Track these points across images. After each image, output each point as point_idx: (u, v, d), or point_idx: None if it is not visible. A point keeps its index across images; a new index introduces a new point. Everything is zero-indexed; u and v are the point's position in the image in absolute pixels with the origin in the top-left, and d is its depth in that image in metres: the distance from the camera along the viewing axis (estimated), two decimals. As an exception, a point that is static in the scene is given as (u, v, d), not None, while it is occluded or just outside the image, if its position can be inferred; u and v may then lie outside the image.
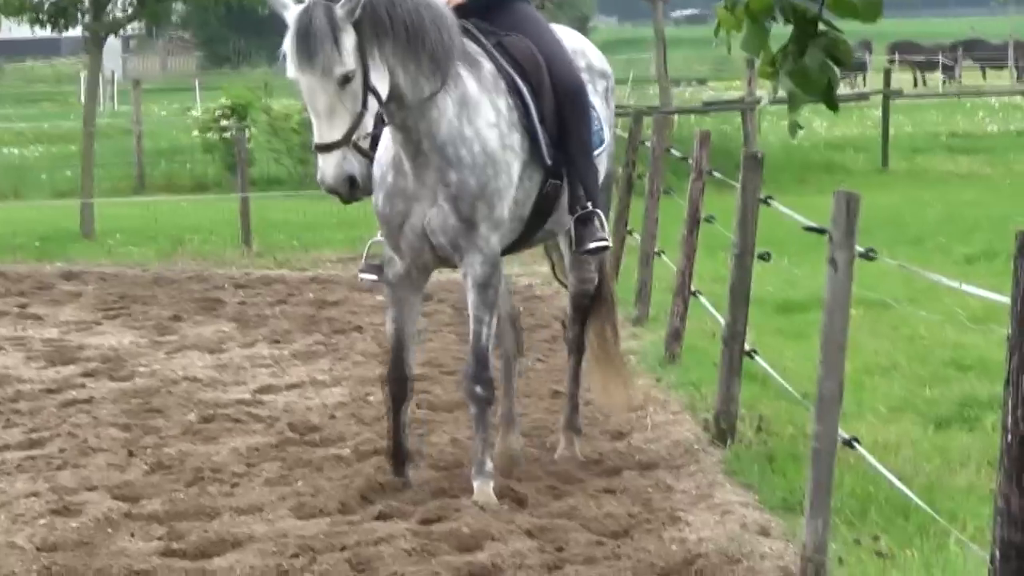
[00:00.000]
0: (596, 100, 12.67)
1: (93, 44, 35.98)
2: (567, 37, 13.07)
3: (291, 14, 10.70)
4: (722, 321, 14.78)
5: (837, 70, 5.38)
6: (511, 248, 12.30)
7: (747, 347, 14.70)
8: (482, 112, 11.34)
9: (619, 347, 14.09)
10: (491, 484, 11.59)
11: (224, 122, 36.41)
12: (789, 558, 10.89)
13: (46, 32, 39.70)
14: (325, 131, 10.70)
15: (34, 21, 35.37)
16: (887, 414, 14.90)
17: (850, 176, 37.74)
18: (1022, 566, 7.12)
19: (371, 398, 16.26)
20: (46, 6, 34.36)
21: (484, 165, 11.23)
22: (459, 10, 11.94)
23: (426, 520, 11.51)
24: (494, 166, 11.30)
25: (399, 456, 12.12)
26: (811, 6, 5.27)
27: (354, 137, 10.70)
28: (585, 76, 12.61)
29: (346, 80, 10.66)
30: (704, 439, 14.19)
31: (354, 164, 10.66)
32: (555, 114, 11.84)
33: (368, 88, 10.74)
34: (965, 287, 10.00)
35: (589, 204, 11.93)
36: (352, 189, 10.75)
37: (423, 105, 11.15)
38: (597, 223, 11.98)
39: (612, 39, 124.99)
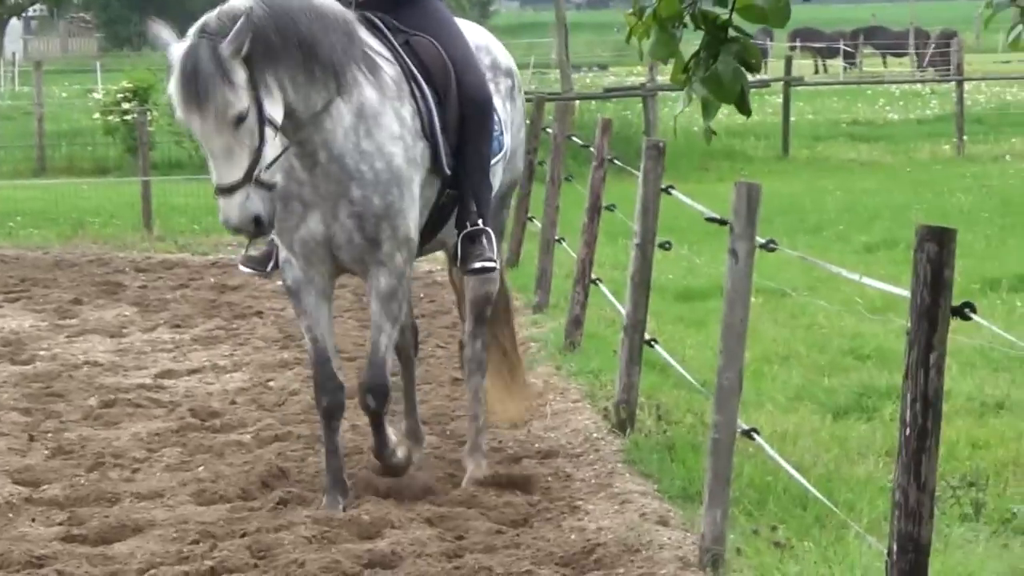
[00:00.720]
0: (498, 101, 12.31)
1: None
2: (471, 33, 12.66)
3: (174, 53, 10.22)
4: (622, 310, 14.85)
5: (747, 75, 5.44)
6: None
7: (647, 336, 14.78)
8: (384, 124, 10.96)
9: (520, 357, 13.88)
10: (397, 454, 11.61)
11: (125, 105, 36.48)
12: (688, 548, 10.96)
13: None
14: (224, 173, 10.24)
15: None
16: (786, 403, 14.97)
17: (751, 164, 37.92)
18: (919, 559, 7.21)
19: (272, 384, 16.32)
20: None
21: (388, 183, 10.86)
22: (366, 2, 11.62)
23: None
24: (399, 184, 10.95)
25: (337, 485, 11.58)
26: (721, 12, 5.31)
27: (255, 174, 10.23)
28: (489, 75, 12.28)
29: (240, 119, 10.17)
30: (604, 428, 14.24)
31: (257, 203, 10.19)
32: (458, 124, 11.50)
33: (263, 120, 10.28)
34: (864, 280, 10.10)
35: (480, 221, 11.60)
36: (258, 227, 10.32)
37: (316, 119, 10.80)
38: (485, 242, 11.61)
39: (513, 23, 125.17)
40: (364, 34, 11.06)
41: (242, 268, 12.22)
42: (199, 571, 10.65)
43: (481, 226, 11.49)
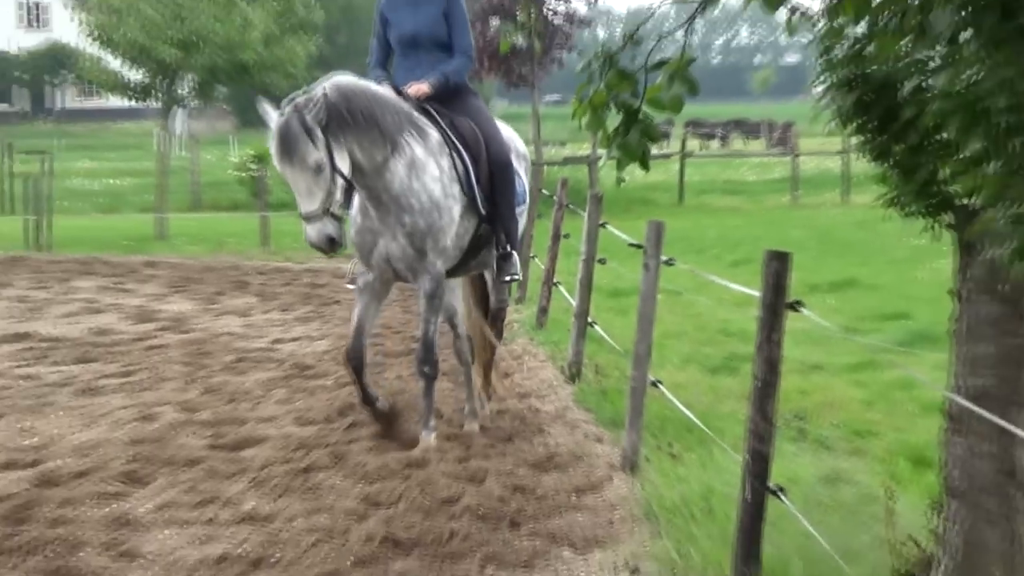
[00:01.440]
0: (521, 171, 12.02)
1: (166, 111, 35.84)
2: (506, 131, 12.26)
3: (273, 121, 10.09)
4: (574, 303, 14.95)
5: (650, 144, 5.48)
6: (453, 272, 11.57)
7: (589, 319, 14.87)
8: (428, 170, 10.72)
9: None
10: (432, 435, 11.12)
11: (251, 165, 36.31)
12: (614, 457, 11.05)
13: (134, 103, 39.65)
14: (306, 205, 10.13)
15: (127, 96, 35.22)
16: (679, 364, 15.04)
17: (658, 208, 37.94)
18: (763, 466, 7.29)
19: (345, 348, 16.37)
20: (136, 86, 34.25)
21: (430, 210, 10.67)
22: (427, 97, 11.30)
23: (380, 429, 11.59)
24: (438, 210, 10.71)
25: (368, 399, 11.35)
26: (633, 102, 5.37)
27: (329, 208, 10.14)
28: (513, 158, 11.84)
29: (318, 168, 10.03)
30: (560, 379, 14.35)
31: (331, 227, 10.11)
32: (489, 178, 11.22)
33: (335, 171, 10.11)
34: (731, 284, 10.20)
35: (509, 246, 11.37)
36: (332, 245, 10.19)
37: (378, 170, 10.54)
38: (514, 260, 11.41)
39: (505, 114, 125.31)
40: (417, 114, 10.92)
41: (347, 286, 11.84)
42: (297, 469, 10.69)
43: (510, 250, 11.37)
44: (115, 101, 53.91)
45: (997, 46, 4.52)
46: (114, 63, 34.96)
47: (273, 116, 10.08)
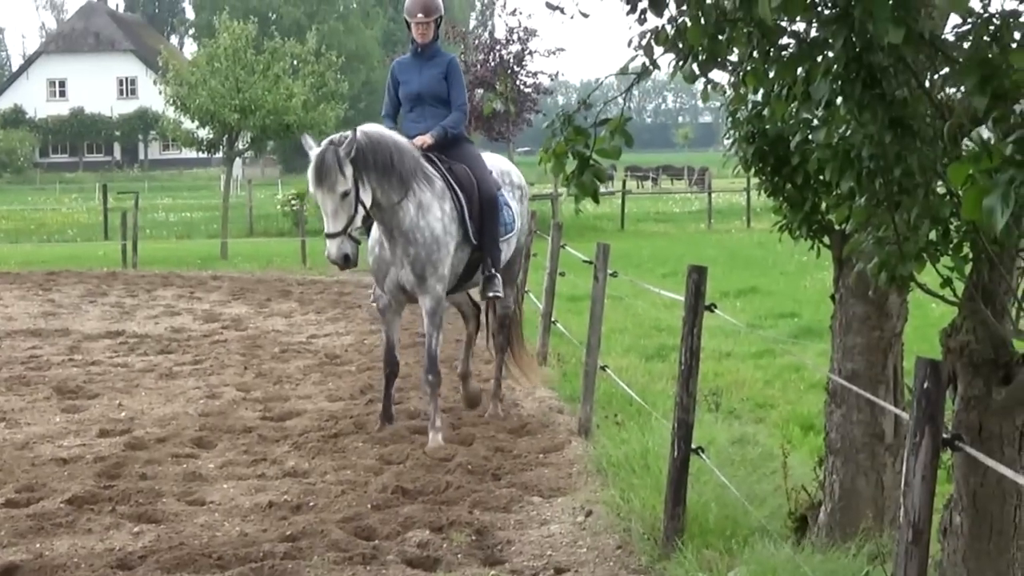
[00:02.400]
0: (513, 203, 11.56)
1: (227, 161, 35.72)
2: (499, 162, 12.07)
3: (313, 152, 9.75)
4: (540, 306, 14.89)
5: (599, 184, 5.44)
6: (454, 289, 11.08)
7: (553, 319, 14.82)
8: (432, 211, 10.35)
9: (524, 346, 12.79)
10: (440, 435, 10.31)
11: (293, 201, 36.16)
12: (573, 425, 10.97)
13: (203, 155, 39.68)
14: (331, 225, 9.74)
15: (198, 149, 35.16)
16: (622, 353, 14.97)
17: (605, 233, 37.75)
18: (687, 431, 7.25)
19: (366, 342, 16.24)
20: (204, 142, 34.18)
21: (431, 243, 10.28)
22: (429, 147, 10.88)
23: (395, 403, 11.49)
24: (438, 244, 10.32)
25: (387, 415, 10.79)
26: (586, 151, 5.34)
27: (349, 230, 9.76)
28: (508, 188, 11.54)
29: (345, 195, 9.69)
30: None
31: (348, 247, 9.73)
32: (479, 214, 10.77)
33: (358, 200, 9.78)
34: (661, 291, 10.15)
35: (493, 269, 10.87)
36: (347, 262, 9.76)
37: (393, 208, 10.16)
38: (496, 282, 10.91)
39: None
40: (424, 162, 10.55)
41: (372, 304, 11.53)
42: (328, 435, 10.61)
43: (494, 272, 10.89)
44: (189, 153, 53.57)
45: (862, 109, 4.50)
46: (188, 124, 34.87)
47: (314, 149, 9.82)
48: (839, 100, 4.66)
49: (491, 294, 11.01)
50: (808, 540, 6.92)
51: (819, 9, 4.60)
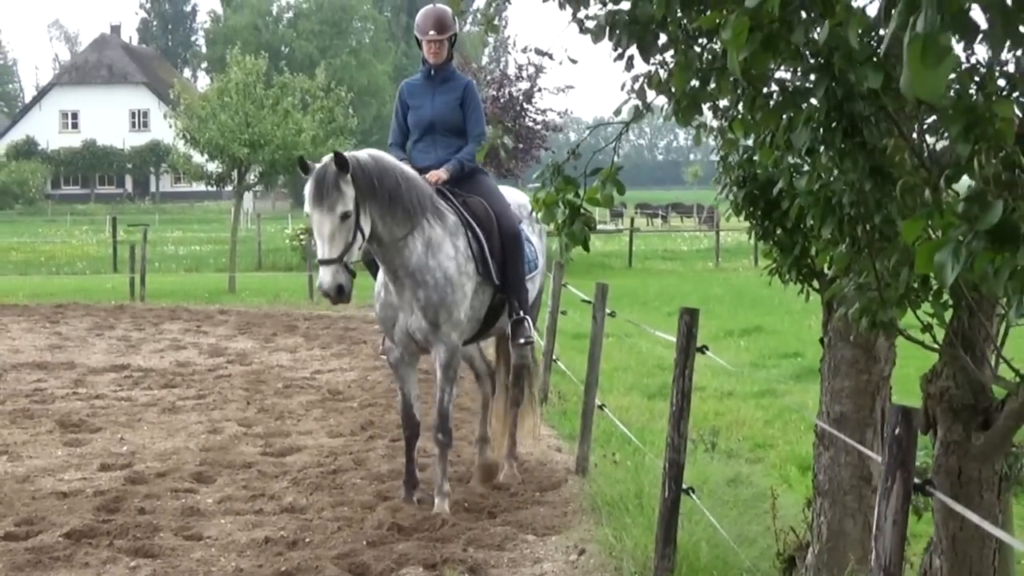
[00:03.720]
0: (534, 238, 10.59)
1: (237, 195, 35.86)
2: (517, 196, 10.95)
3: (313, 170, 8.67)
4: (543, 344, 14.96)
5: (589, 232, 5.51)
6: (474, 338, 10.14)
7: (555, 357, 14.90)
8: (444, 249, 9.24)
9: (536, 401, 11.56)
10: (447, 501, 9.42)
11: (302, 235, 36.28)
12: (570, 463, 11.05)
13: (213, 188, 39.85)
14: (325, 250, 8.59)
15: (207, 183, 35.35)
16: (624, 391, 15.05)
17: (612, 271, 37.95)
18: (678, 471, 7.31)
19: (369, 378, 16.31)
20: (215, 176, 34.35)
21: (444, 285, 9.16)
22: (444, 182, 9.88)
23: (394, 439, 11.57)
24: (451, 286, 9.21)
25: (411, 483, 9.71)
26: (576, 201, 5.40)
27: (345, 258, 8.60)
28: (527, 223, 10.45)
29: (345, 216, 8.57)
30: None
31: (343, 276, 8.57)
32: (500, 251, 9.73)
33: (358, 227, 8.66)
34: (658, 333, 10.23)
35: (521, 312, 9.82)
36: (339, 294, 8.58)
37: (396, 245, 9.06)
38: (527, 325, 9.82)
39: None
40: (436, 197, 9.49)
41: (381, 356, 10.94)
42: (327, 471, 10.68)
43: (522, 315, 9.81)
44: (200, 186, 53.91)
45: (843, 157, 4.57)
46: (199, 158, 35.05)
47: (312, 165, 8.80)
48: (821, 147, 4.75)
49: (522, 340, 9.91)
50: (795, 581, 6.98)
51: (801, 58, 4.68)
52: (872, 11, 3.94)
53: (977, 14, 3.07)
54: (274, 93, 34.28)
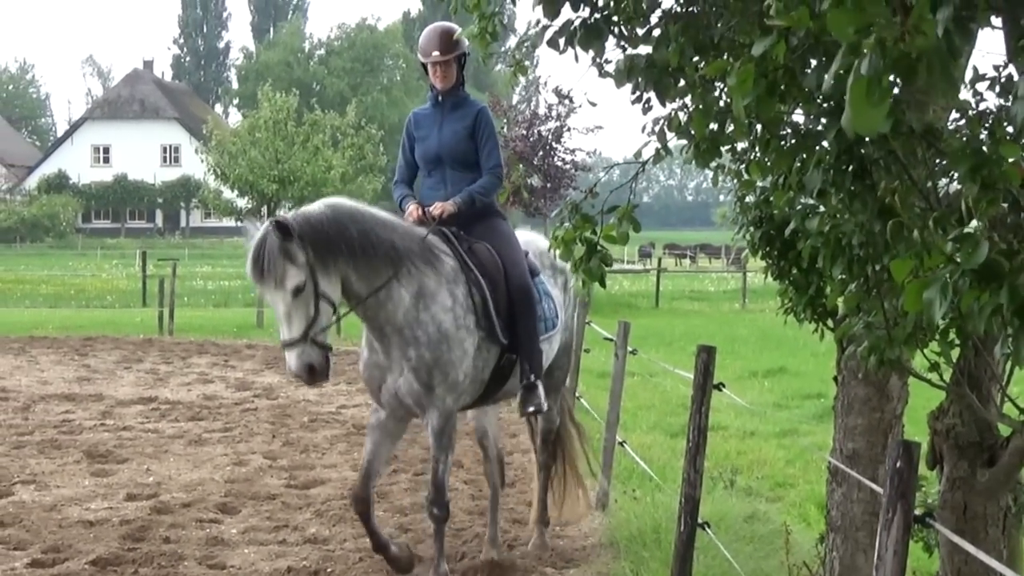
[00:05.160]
0: (555, 291, 9.24)
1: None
2: (537, 241, 9.59)
3: (252, 238, 7.49)
4: (568, 383, 15.08)
5: (606, 268, 5.63)
6: (476, 403, 8.83)
7: (577, 395, 15.01)
8: (439, 299, 8.01)
9: (580, 471, 10.33)
10: None
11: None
12: (591, 499, 11.16)
13: (242, 224, 40.17)
14: (285, 331, 7.46)
15: (237, 218, 35.68)
16: (647, 429, 15.16)
17: (639, 311, 38.02)
18: (694, 506, 7.42)
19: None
20: (245, 211, 34.66)
21: (438, 342, 7.94)
22: (450, 217, 8.59)
23: (416, 473, 11.68)
24: (447, 342, 7.98)
25: (380, 547, 8.42)
26: (593, 238, 5.54)
27: (311, 335, 7.41)
28: (548, 272, 9.25)
29: (298, 291, 7.35)
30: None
31: (312, 355, 7.41)
32: (508, 306, 8.46)
33: (319, 295, 7.44)
34: (679, 371, 10.35)
35: (532, 376, 8.52)
36: (311, 375, 7.49)
37: (378, 298, 7.84)
38: (538, 393, 8.53)
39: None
40: (431, 239, 8.24)
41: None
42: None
43: (533, 380, 8.52)
44: (230, 222, 54.19)
45: (852, 199, 4.71)
46: (229, 193, 35.42)
47: (252, 231, 7.56)
48: (832, 189, 4.89)
49: (531, 408, 8.65)
50: (808, 616, 7.09)
51: (812, 102, 4.83)
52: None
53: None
54: (304, 130, 34.63)
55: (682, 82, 5.31)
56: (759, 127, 5.06)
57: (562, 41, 5.37)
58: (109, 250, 77.11)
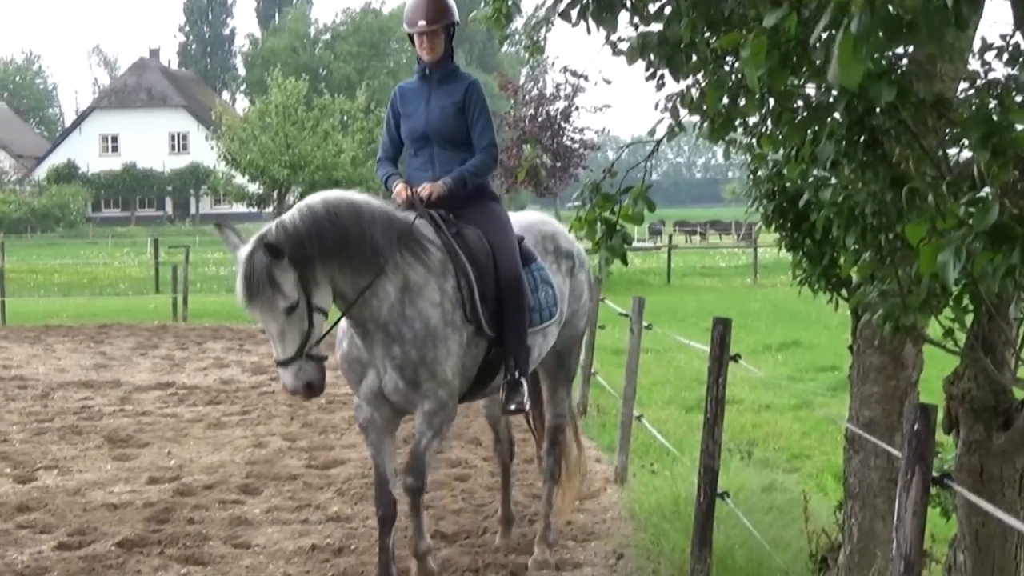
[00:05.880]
0: (557, 279, 8.45)
1: (277, 215, 36.35)
2: (541, 223, 8.87)
3: (239, 256, 6.93)
4: (582, 358, 15.17)
5: (625, 246, 5.71)
6: (464, 398, 8.06)
7: (593, 371, 15.12)
8: (426, 294, 7.38)
9: (582, 468, 9.46)
10: (432, 559, 8.10)
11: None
12: (610, 473, 11.27)
13: (254, 209, 40.07)
14: (279, 350, 6.95)
15: (248, 204, 35.70)
16: (663, 404, 15.24)
17: (651, 287, 38.02)
18: (713, 476, 7.51)
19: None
20: (256, 196, 34.68)
21: (424, 339, 7.30)
22: (440, 200, 7.90)
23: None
24: (434, 340, 7.33)
25: (385, 573, 7.76)
26: (612, 218, 5.62)
27: (307, 350, 6.93)
28: (551, 258, 8.52)
29: (291, 309, 6.83)
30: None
31: (309, 372, 6.94)
32: (496, 298, 7.77)
33: (312, 309, 6.92)
34: (694, 344, 10.42)
35: (516, 372, 7.84)
36: (309, 391, 7.01)
37: (363, 297, 7.19)
38: (521, 391, 7.86)
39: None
40: (417, 226, 7.53)
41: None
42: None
43: (517, 376, 7.86)
44: (239, 208, 54.30)
45: (865, 169, 4.78)
46: (239, 179, 35.49)
47: (240, 249, 7.00)
48: (845, 160, 4.97)
49: (512, 407, 7.97)
50: (827, 581, 7.20)
51: (822, 74, 4.91)
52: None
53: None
54: (314, 115, 34.68)
55: (695, 58, 5.39)
56: (771, 101, 5.14)
57: (575, 13, 5.44)
58: (120, 238, 77.17)
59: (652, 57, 5.37)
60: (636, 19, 5.43)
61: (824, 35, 3.75)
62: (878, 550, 6.91)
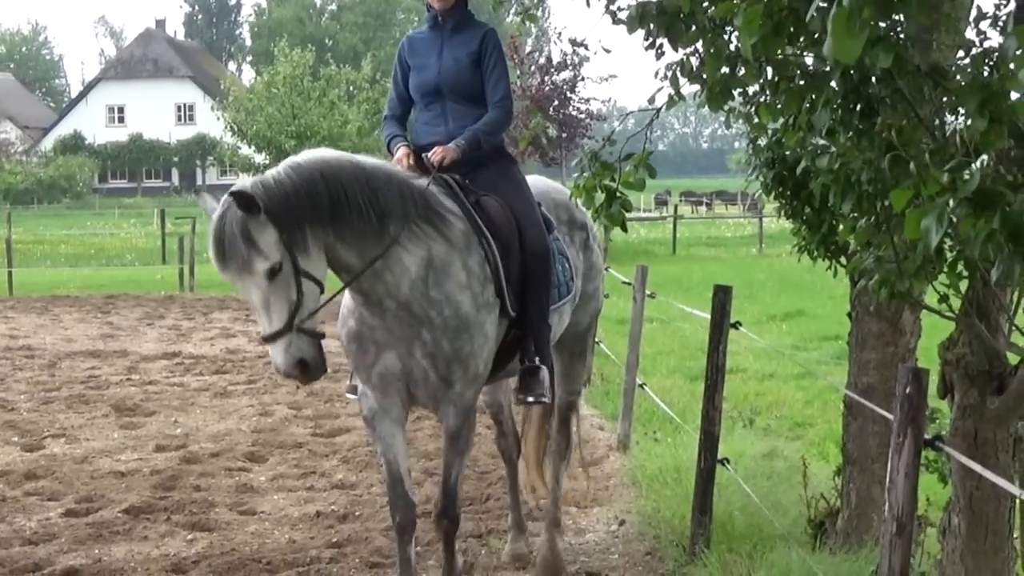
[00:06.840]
0: (571, 251, 7.65)
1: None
2: (552, 190, 7.95)
3: (212, 215, 6.04)
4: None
5: (625, 214, 5.75)
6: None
7: (597, 340, 15.14)
8: (452, 274, 6.45)
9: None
10: None
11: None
12: (613, 441, 11.36)
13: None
14: (265, 322, 5.90)
15: (255, 174, 35.79)
16: (667, 373, 15.31)
17: (656, 257, 38.05)
18: (713, 443, 7.59)
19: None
20: (262, 167, 34.65)
21: (458, 329, 6.41)
22: (452, 164, 6.95)
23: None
24: (468, 330, 6.44)
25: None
26: (612, 185, 5.66)
27: (296, 322, 5.86)
28: (564, 229, 7.70)
29: (272, 273, 5.80)
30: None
31: (302, 347, 5.90)
32: (520, 274, 6.88)
33: (300, 274, 5.88)
34: (697, 312, 10.49)
35: (537, 358, 6.95)
36: (304, 371, 5.97)
37: (375, 269, 6.22)
38: (541, 377, 6.95)
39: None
40: (436, 193, 6.61)
41: (348, 395, 7.64)
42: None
43: (538, 363, 6.94)
44: (246, 178, 54.37)
45: (860, 137, 4.83)
46: (246, 150, 35.49)
47: (214, 210, 6.07)
48: (841, 128, 5.02)
49: (531, 399, 7.05)
50: (825, 545, 7.27)
51: (819, 43, 4.95)
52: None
53: None
54: (320, 85, 34.68)
55: (693, 27, 5.43)
56: (769, 70, 5.19)
57: (574, -24, 5.49)
58: (126, 209, 77.27)
59: (651, 26, 5.41)
60: (634, -13, 5.47)
61: (822, 4, 3.81)
62: (875, 514, 6.98)
